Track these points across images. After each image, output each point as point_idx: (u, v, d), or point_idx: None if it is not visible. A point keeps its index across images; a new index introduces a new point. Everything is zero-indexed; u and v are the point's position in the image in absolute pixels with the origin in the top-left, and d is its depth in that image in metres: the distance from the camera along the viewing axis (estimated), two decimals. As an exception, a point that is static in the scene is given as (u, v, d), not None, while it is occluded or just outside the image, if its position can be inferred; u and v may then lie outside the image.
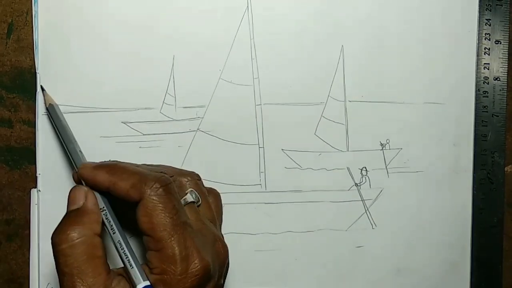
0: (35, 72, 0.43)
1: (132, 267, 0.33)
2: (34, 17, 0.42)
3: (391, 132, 0.47)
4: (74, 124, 0.43)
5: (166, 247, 0.33)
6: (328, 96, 0.46)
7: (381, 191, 0.47)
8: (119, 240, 0.35)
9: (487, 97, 0.48)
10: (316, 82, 0.46)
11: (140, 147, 0.44)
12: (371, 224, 0.47)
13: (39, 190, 0.43)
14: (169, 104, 0.44)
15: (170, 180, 0.35)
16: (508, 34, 0.48)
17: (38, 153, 0.43)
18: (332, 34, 0.46)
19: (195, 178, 0.39)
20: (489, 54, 0.48)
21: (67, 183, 0.43)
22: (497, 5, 0.48)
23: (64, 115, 0.43)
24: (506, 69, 0.48)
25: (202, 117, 0.44)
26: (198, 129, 0.44)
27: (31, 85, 0.43)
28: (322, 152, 0.46)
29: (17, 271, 0.44)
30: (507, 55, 0.48)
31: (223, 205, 0.41)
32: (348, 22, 0.46)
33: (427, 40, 0.47)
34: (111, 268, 0.34)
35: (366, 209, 0.47)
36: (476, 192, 0.48)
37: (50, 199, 0.43)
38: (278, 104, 0.45)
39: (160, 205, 0.33)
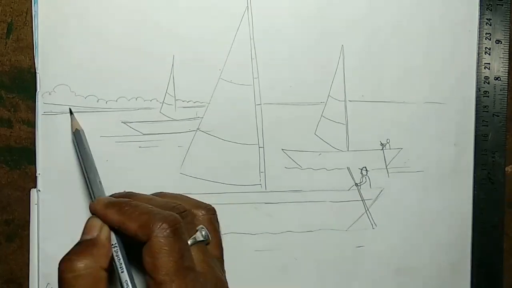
0: (35, 72, 0.43)
1: None
2: (34, 17, 0.42)
3: (391, 132, 0.47)
4: (74, 124, 0.43)
5: None
6: (328, 95, 0.46)
7: (381, 191, 0.47)
8: (126, 280, 0.35)
9: (488, 97, 0.48)
10: (316, 82, 0.46)
11: (139, 147, 0.43)
12: (371, 224, 0.47)
13: (39, 190, 0.43)
14: (169, 104, 0.44)
15: (179, 220, 0.34)
16: (508, 34, 0.48)
17: (37, 153, 0.43)
18: (332, 34, 0.46)
19: (210, 213, 0.39)
20: (489, 54, 0.48)
21: (67, 183, 0.43)
22: (497, 4, 0.48)
23: (64, 115, 0.43)
24: (507, 68, 0.48)
25: (202, 117, 0.44)
26: (198, 129, 0.44)
27: (31, 85, 0.43)
28: (322, 152, 0.46)
29: (16, 272, 0.44)
30: (507, 54, 0.48)
31: (223, 205, 0.41)
32: (348, 21, 0.46)
33: (427, 39, 0.47)
34: None
35: (366, 209, 0.47)
36: (476, 192, 0.48)
37: (49, 199, 0.43)
38: (278, 104, 0.45)
39: (166, 247, 0.33)
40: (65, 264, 0.34)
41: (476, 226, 0.48)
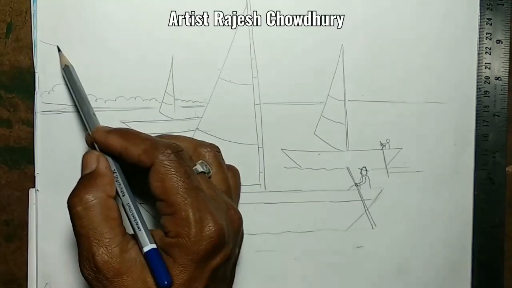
0: (34, 72, 0.43)
1: (140, 230, 0.34)
2: (33, 16, 0.42)
3: (391, 132, 0.47)
4: (73, 123, 0.43)
5: (180, 210, 0.33)
6: (328, 95, 0.46)
7: (381, 191, 0.47)
8: (128, 203, 0.35)
9: (488, 97, 0.48)
10: (316, 82, 0.46)
11: (138, 147, 0.43)
12: (371, 224, 0.47)
13: (37, 190, 0.43)
14: (168, 104, 0.44)
15: (181, 148, 0.35)
16: (509, 34, 0.48)
17: (36, 153, 0.43)
18: (332, 34, 0.46)
19: (214, 150, 0.39)
20: (490, 54, 0.48)
21: (66, 183, 0.42)
22: (498, 4, 0.48)
23: (62, 115, 0.43)
24: (508, 68, 0.48)
25: (201, 117, 0.44)
26: (197, 128, 0.44)
27: (30, 85, 0.43)
28: (322, 151, 0.46)
29: (16, 272, 0.44)
30: (508, 54, 0.48)
31: None
32: (348, 21, 0.46)
33: (427, 39, 0.47)
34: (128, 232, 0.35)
35: (366, 209, 0.47)
36: (477, 192, 0.48)
37: (48, 198, 0.43)
38: (277, 103, 0.45)
39: (172, 170, 0.34)
40: (73, 199, 0.34)
41: (476, 227, 0.48)
